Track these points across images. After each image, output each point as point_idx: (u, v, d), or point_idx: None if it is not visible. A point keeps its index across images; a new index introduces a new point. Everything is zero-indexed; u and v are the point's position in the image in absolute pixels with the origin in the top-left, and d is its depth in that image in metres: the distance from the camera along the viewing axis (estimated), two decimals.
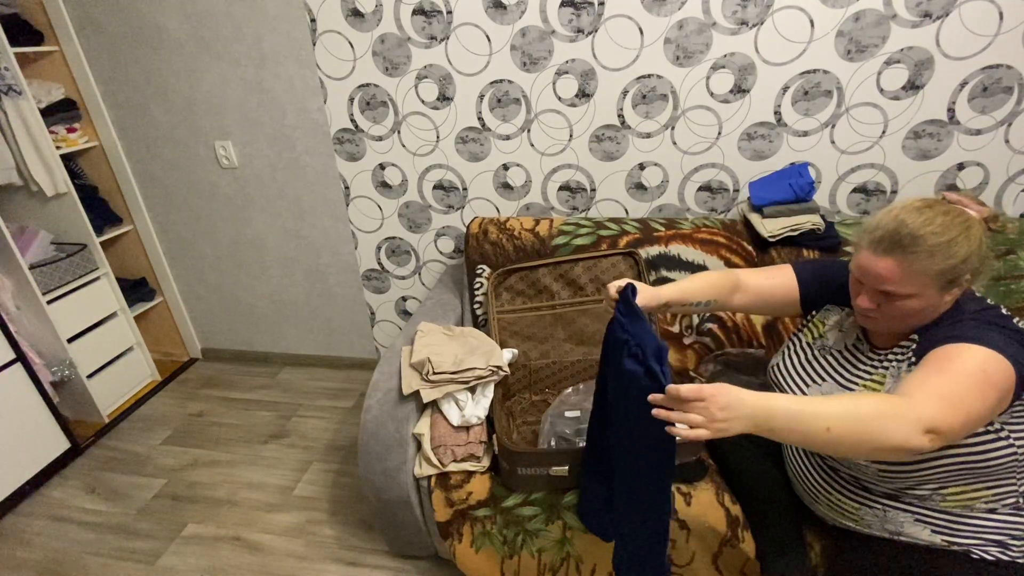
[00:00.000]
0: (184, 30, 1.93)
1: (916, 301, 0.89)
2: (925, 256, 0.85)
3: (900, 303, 0.90)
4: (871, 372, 1.00)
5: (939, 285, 0.87)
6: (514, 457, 1.24)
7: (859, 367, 1.03)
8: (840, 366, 1.06)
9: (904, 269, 0.87)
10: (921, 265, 0.86)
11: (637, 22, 1.62)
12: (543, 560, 1.26)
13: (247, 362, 2.65)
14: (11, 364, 1.83)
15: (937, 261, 0.85)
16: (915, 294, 0.88)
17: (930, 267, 0.86)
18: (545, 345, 1.67)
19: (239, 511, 1.78)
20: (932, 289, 0.88)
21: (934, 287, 0.87)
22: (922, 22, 1.48)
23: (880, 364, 0.99)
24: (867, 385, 0.99)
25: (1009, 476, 0.89)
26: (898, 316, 0.92)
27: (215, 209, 2.28)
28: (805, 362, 1.12)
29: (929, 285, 0.87)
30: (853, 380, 1.02)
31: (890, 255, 0.88)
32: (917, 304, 0.89)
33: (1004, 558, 0.90)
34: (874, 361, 1.00)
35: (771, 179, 1.67)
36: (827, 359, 1.09)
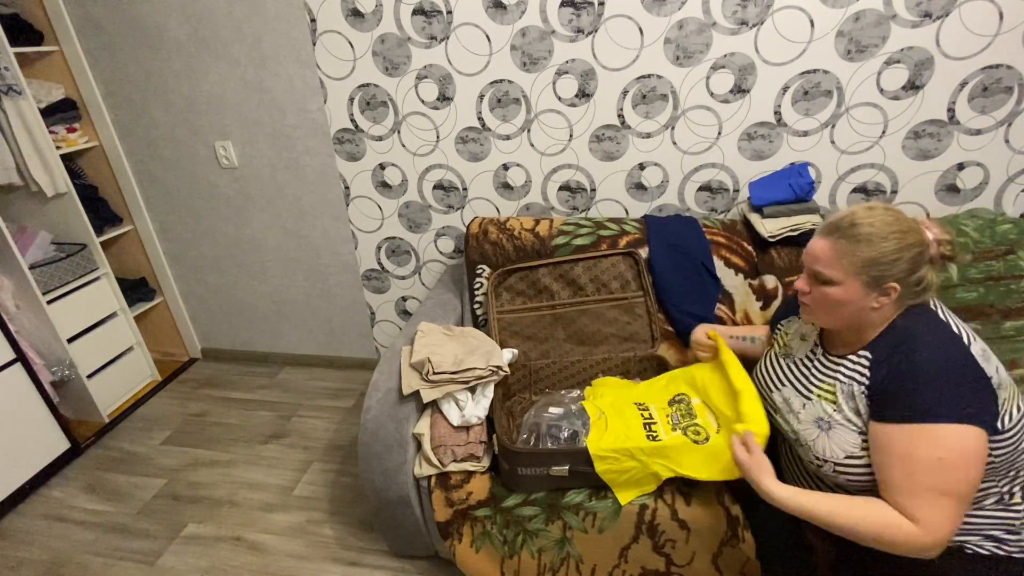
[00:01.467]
0: (184, 30, 1.93)
1: (839, 290, 0.93)
2: (853, 242, 0.91)
3: (826, 288, 0.94)
4: (823, 380, 1.02)
5: (862, 279, 0.91)
6: (514, 457, 1.24)
7: (815, 374, 1.05)
8: (800, 372, 1.09)
9: (833, 250, 0.92)
10: (848, 248, 0.91)
11: (637, 22, 1.62)
12: (543, 560, 1.26)
13: (247, 362, 2.65)
14: (11, 364, 1.83)
15: (862, 249, 0.90)
16: (839, 280, 0.93)
17: (855, 252, 0.90)
18: (545, 345, 1.67)
19: (239, 511, 1.78)
20: (855, 281, 0.91)
21: (857, 279, 0.91)
22: (922, 22, 1.48)
23: (832, 374, 1.01)
24: (821, 395, 1.01)
25: (987, 477, 0.90)
26: (825, 304, 0.96)
27: (215, 209, 2.28)
28: (771, 369, 1.17)
29: (852, 274, 0.91)
30: (809, 387, 1.05)
31: (826, 237, 0.94)
32: (840, 293, 0.93)
33: (1000, 553, 0.91)
34: (827, 368, 1.03)
35: (771, 179, 1.67)
36: (790, 366, 1.12)
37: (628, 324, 1.66)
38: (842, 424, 0.96)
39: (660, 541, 1.20)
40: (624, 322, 1.66)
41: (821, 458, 0.98)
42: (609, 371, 1.62)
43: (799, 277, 1.02)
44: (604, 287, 1.67)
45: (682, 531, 1.19)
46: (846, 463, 0.95)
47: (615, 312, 1.66)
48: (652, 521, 1.20)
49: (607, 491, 1.25)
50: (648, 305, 1.65)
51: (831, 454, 0.96)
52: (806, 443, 1.01)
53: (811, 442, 1.00)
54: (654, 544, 1.20)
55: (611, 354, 1.63)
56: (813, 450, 0.99)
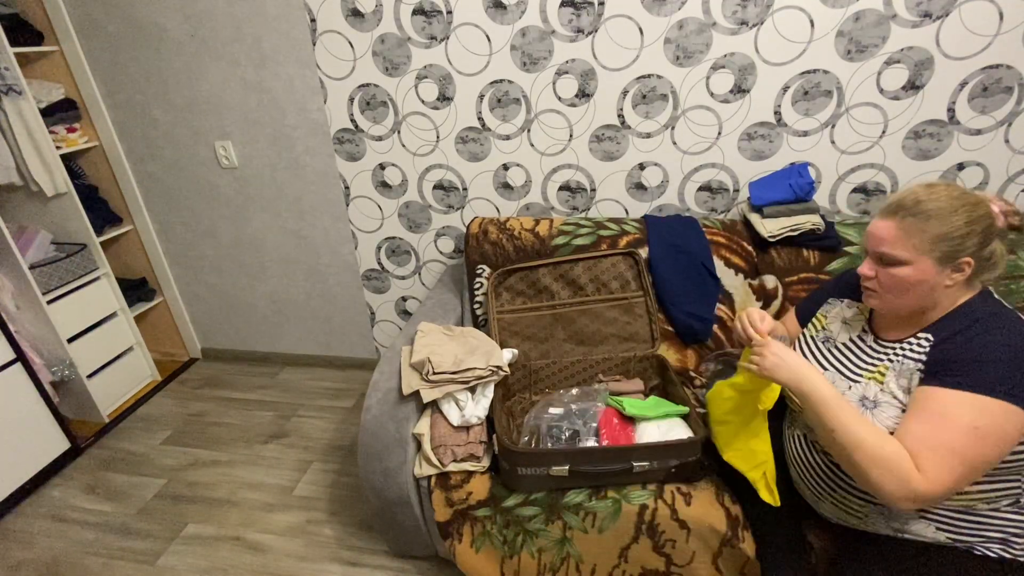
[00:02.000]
0: (184, 30, 1.93)
1: (910, 270, 0.90)
2: (922, 219, 0.88)
3: (895, 270, 0.92)
4: (875, 363, 1.00)
5: (935, 256, 0.88)
6: (514, 457, 1.24)
7: (863, 358, 1.03)
8: (844, 356, 1.07)
9: (900, 229, 0.90)
10: (917, 226, 0.89)
11: (637, 22, 1.62)
12: (543, 560, 1.26)
13: (247, 362, 2.65)
14: (11, 364, 1.83)
15: (932, 225, 0.88)
16: (909, 260, 0.90)
17: (925, 230, 0.88)
18: (545, 345, 1.67)
19: (239, 511, 1.78)
20: (927, 259, 0.89)
21: (929, 257, 0.89)
22: (922, 22, 1.48)
23: (885, 355, 0.99)
24: (871, 376, 0.99)
25: (1010, 475, 0.89)
26: (894, 287, 0.93)
27: (215, 209, 2.28)
28: (808, 354, 1.14)
29: (924, 252, 0.89)
30: (856, 371, 1.02)
31: (891, 217, 0.92)
32: (911, 273, 0.90)
33: (1007, 555, 0.90)
34: (879, 352, 1.01)
35: (771, 179, 1.67)
36: (831, 351, 1.10)
37: (628, 324, 1.66)
38: (887, 401, 0.94)
39: (660, 541, 1.20)
40: (624, 322, 1.66)
41: None
42: (609, 371, 1.62)
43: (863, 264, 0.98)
44: (604, 287, 1.67)
45: (682, 531, 1.19)
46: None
47: (615, 312, 1.66)
48: (652, 521, 1.20)
49: (607, 491, 1.25)
50: (648, 305, 1.65)
51: None
52: None
53: None
54: (654, 544, 1.20)
55: (611, 354, 1.63)
56: None
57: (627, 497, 1.23)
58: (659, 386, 1.58)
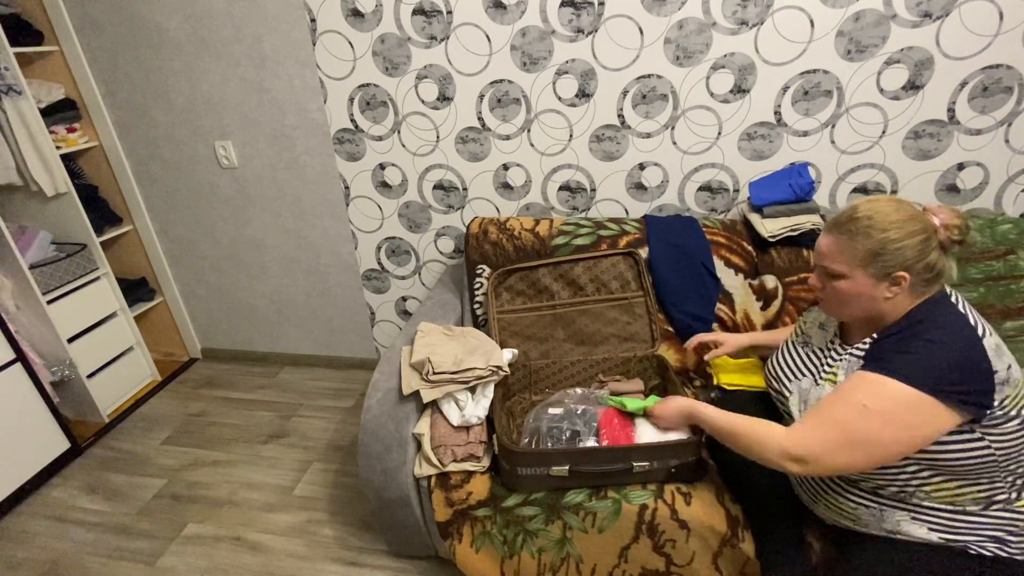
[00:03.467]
0: (184, 30, 1.93)
1: (848, 283, 0.94)
2: (851, 235, 0.91)
3: (835, 283, 0.96)
4: (832, 366, 1.03)
5: (869, 271, 0.91)
6: (514, 457, 1.24)
7: (827, 363, 1.06)
8: (818, 361, 1.09)
9: (837, 245, 0.94)
10: (849, 243, 0.92)
11: (637, 22, 1.62)
12: (543, 560, 1.26)
13: (247, 362, 2.65)
14: (11, 364, 1.83)
15: (860, 241, 0.90)
16: (845, 274, 0.93)
17: (855, 245, 0.91)
18: (545, 345, 1.67)
19: (239, 511, 1.78)
20: (861, 272, 0.92)
21: (862, 271, 0.91)
22: (922, 22, 1.48)
23: (840, 358, 1.02)
24: (828, 379, 1.02)
25: (992, 475, 0.90)
26: (836, 299, 0.97)
27: (215, 209, 2.28)
28: (789, 359, 1.17)
29: (857, 266, 0.92)
30: (823, 375, 1.05)
31: (829, 232, 0.96)
32: (849, 286, 0.94)
33: (1002, 554, 0.90)
34: (841, 358, 1.03)
35: (771, 179, 1.67)
36: (808, 356, 1.13)
37: (628, 324, 1.66)
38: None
39: (660, 541, 1.20)
40: (624, 322, 1.66)
41: None
42: (609, 371, 1.62)
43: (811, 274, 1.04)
44: (604, 287, 1.67)
45: (682, 531, 1.19)
46: None
47: (615, 312, 1.66)
48: (652, 521, 1.20)
49: (607, 491, 1.25)
50: (648, 305, 1.65)
51: None
52: None
53: None
54: (654, 544, 1.20)
55: (611, 354, 1.63)
56: None
57: (627, 497, 1.23)
58: (659, 386, 1.58)
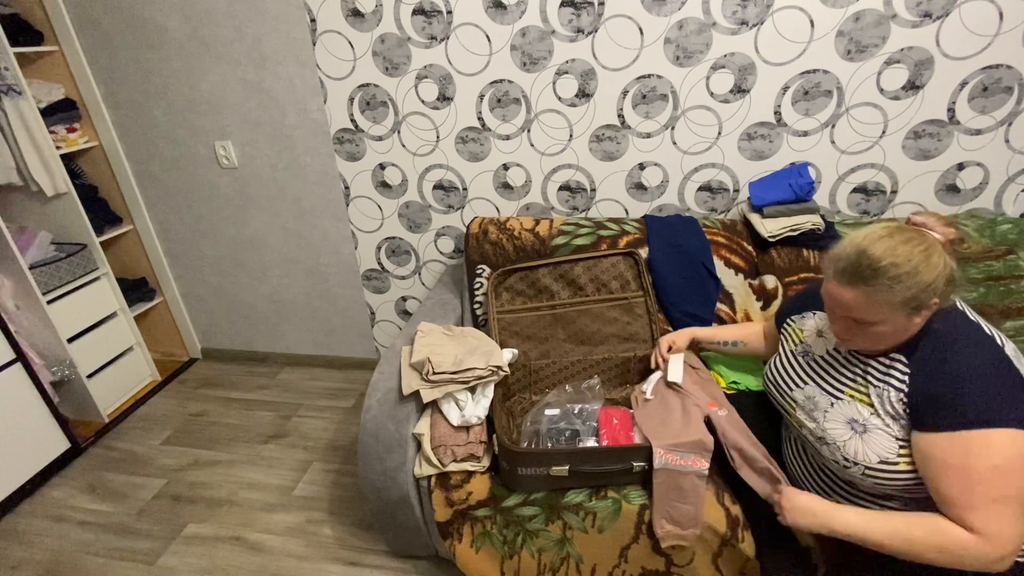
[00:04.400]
0: (184, 30, 1.93)
1: (885, 327, 0.90)
2: (887, 287, 0.86)
3: (869, 328, 0.91)
4: (854, 381, 1.01)
5: (905, 312, 0.88)
6: (514, 457, 1.24)
7: (842, 373, 1.04)
8: (823, 370, 1.07)
9: (868, 299, 0.88)
10: (884, 296, 0.87)
11: (637, 22, 1.62)
12: (543, 560, 1.26)
13: (247, 362, 2.65)
14: (11, 364, 1.83)
15: (899, 292, 0.86)
16: (882, 320, 0.89)
17: (892, 297, 0.86)
18: (545, 345, 1.67)
19: (239, 511, 1.78)
20: (899, 315, 0.88)
21: (900, 313, 0.88)
22: (922, 22, 1.48)
23: (863, 375, 0.99)
24: (852, 395, 0.99)
25: None
26: (870, 339, 0.94)
27: (215, 209, 2.28)
28: (789, 367, 1.15)
29: (895, 312, 0.88)
30: (837, 387, 1.03)
31: (854, 286, 0.89)
32: (887, 329, 0.90)
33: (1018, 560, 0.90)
34: (856, 369, 1.01)
35: (771, 179, 1.67)
36: (810, 364, 1.11)
37: (628, 324, 1.66)
38: (879, 429, 0.93)
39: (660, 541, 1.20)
40: (624, 322, 1.66)
41: (851, 460, 0.96)
42: (609, 371, 1.62)
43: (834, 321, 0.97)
44: (604, 287, 1.67)
45: None
46: (879, 467, 0.93)
47: (615, 312, 1.66)
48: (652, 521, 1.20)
49: (607, 491, 1.25)
50: (648, 305, 1.65)
51: (863, 457, 0.94)
52: (834, 442, 0.99)
53: (841, 443, 0.97)
54: (654, 544, 1.20)
55: (611, 354, 1.63)
56: (843, 451, 0.97)
57: (627, 497, 1.23)
58: None
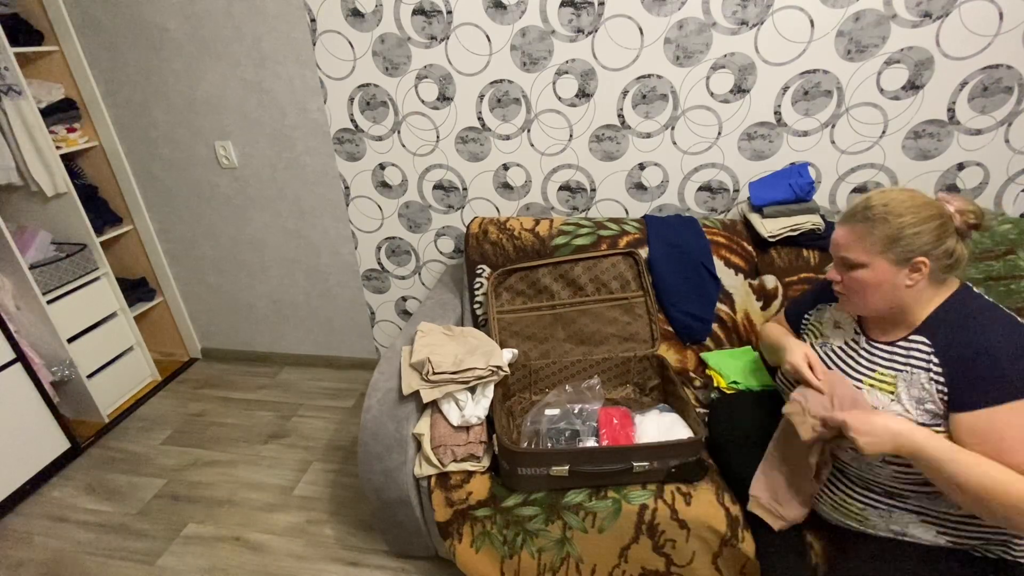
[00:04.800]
0: (184, 30, 1.93)
1: (868, 272, 0.94)
2: (870, 223, 0.92)
3: (855, 274, 0.96)
4: (873, 368, 1.00)
5: (888, 257, 0.91)
6: (514, 457, 1.24)
7: (860, 361, 1.03)
8: (843, 361, 1.07)
9: (854, 233, 0.95)
10: (866, 229, 0.93)
11: (637, 22, 1.62)
12: (543, 560, 1.26)
13: (247, 362, 2.65)
14: (11, 364, 1.83)
15: (880, 227, 0.91)
16: (865, 263, 0.94)
17: (873, 231, 0.92)
18: (545, 345, 1.67)
19: (239, 511, 1.78)
20: (881, 260, 0.92)
21: (882, 258, 0.92)
22: (922, 22, 1.48)
23: (884, 362, 0.98)
24: (874, 384, 0.98)
25: None
26: (856, 289, 0.97)
27: (215, 209, 2.28)
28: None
29: (876, 253, 0.92)
30: (856, 377, 1.02)
31: (846, 223, 0.97)
32: (870, 275, 0.94)
33: (1007, 558, 0.90)
34: (876, 356, 1.01)
35: (771, 179, 1.67)
36: (829, 355, 1.10)
37: (628, 324, 1.66)
38: (900, 415, 0.92)
39: (660, 541, 1.20)
40: (624, 322, 1.66)
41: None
42: (609, 371, 1.62)
43: (829, 268, 1.03)
44: (604, 287, 1.67)
45: (682, 531, 1.19)
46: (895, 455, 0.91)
47: (615, 312, 1.66)
48: (652, 521, 1.20)
49: (607, 491, 1.26)
50: (648, 305, 1.65)
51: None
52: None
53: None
54: (654, 544, 1.20)
55: (611, 354, 1.63)
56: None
57: (627, 497, 1.23)
58: (659, 386, 1.58)
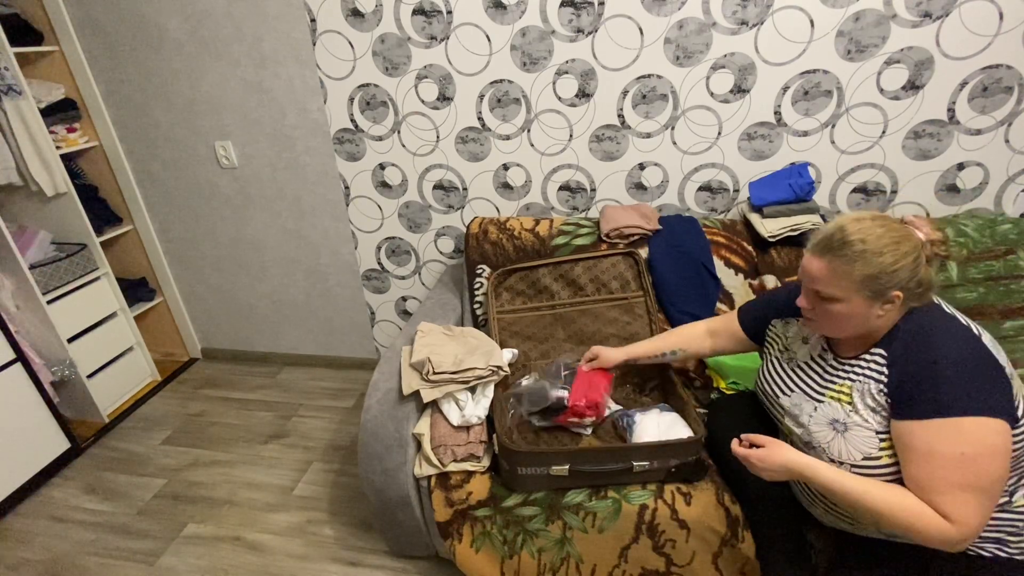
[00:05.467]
0: (184, 30, 1.93)
1: (843, 306, 0.92)
2: (849, 260, 0.89)
3: (829, 306, 0.93)
4: (836, 382, 1.01)
5: (864, 294, 0.90)
6: (514, 457, 1.24)
7: (825, 377, 1.04)
8: (808, 377, 1.07)
9: (831, 270, 0.91)
10: (845, 268, 0.89)
11: (637, 22, 1.62)
12: (543, 560, 1.26)
13: (247, 362, 2.65)
14: (11, 364, 1.83)
15: (859, 267, 0.88)
16: (841, 298, 0.91)
17: (852, 271, 0.89)
18: (545, 345, 1.67)
19: (239, 511, 1.78)
20: (857, 296, 0.90)
21: (859, 295, 0.90)
22: (922, 22, 1.48)
23: (845, 375, 1.00)
24: (833, 396, 1.00)
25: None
26: (830, 320, 0.95)
27: (215, 209, 2.28)
28: (776, 375, 1.15)
29: (853, 291, 0.90)
30: (820, 391, 1.03)
31: (821, 256, 0.92)
32: (844, 309, 0.92)
33: (1001, 555, 0.90)
34: (839, 371, 1.01)
35: (771, 179, 1.67)
36: (795, 371, 1.11)
37: (628, 324, 1.66)
38: (859, 425, 0.94)
39: (660, 541, 1.20)
40: (624, 322, 1.66)
41: (837, 460, 0.96)
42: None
43: (800, 294, 1.00)
44: (604, 287, 1.67)
45: (682, 531, 1.19)
46: (864, 464, 0.93)
47: (615, 312, 1.66)
48: (652, 521, 1.20)
49: (607, 491, 1.26)
50: (648, 305, 1.65)
51: (848, 456, 0.95)
52: (819, 445, 0.99)
53: (825, 444, 0.98)
54: (654, 544, 1.20)
55: None
56: (828, 452, 0.98)
57: (627, 497, 1.23)
58: (659, 386, 1.58)
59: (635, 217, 1.72)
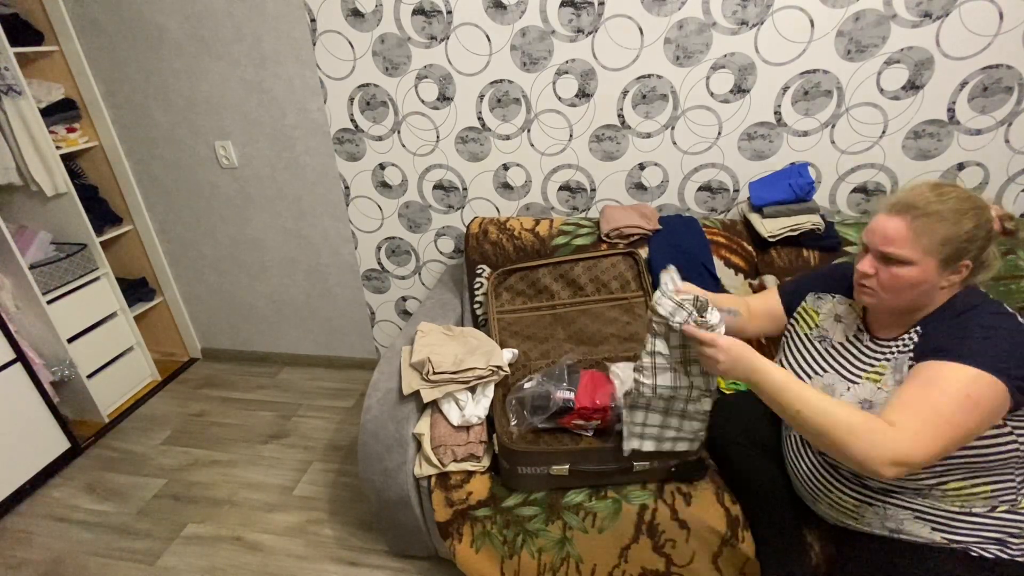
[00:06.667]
0: (184, 30, 1.93)
1: (913, 270, 0.90)
2: (934, 220, 0.88)
3: (898, 270, 0.91)
4: (873, 364, 0.99)
5: (940, 257, 0.89)
6: (514, 457, 1.24)
7: (861, 359, 1.02)
8: (842, 358, 1.05)
9: (911, 229, 0.89)
10: (928, 227, 0.88)
11: (637, 22, 1.62)
12: (543, 560, 1.26)
13: (247, 362, 2.65)
14: (11, 364, 1.83)
15: (942, 227, 0.87)
16: (914, 260, 0.89)
17: (936, 231, 0.88)
18: (545, 345, 1.67)
19: (239, 511, 1.78)
20: (932, 260, 0.89)
21: (934, 258, 0.89)
22: (922, 22, 1.48)
23: (883, 355, 0.98)
24: (869, 377, 0.98)
25: (1009, 471, 0.89)
26: (893, 286, 0.93)
27: (215, 209, 2.28)
28: (806, 353, 1.12)
29: (930, 253, 0.89)
30: (855, 373, 1.01)
31: (901, 215, 0.90)
32: (913, 274, 0.90)
33: (1004, 556, 0.90)
34: (876, 352, 1.00)
35: (771, 179, 1.67)
36: (828, 351, 1.08)
37: (628, 324, 1.66)
38: (884, 401, 0.93)
39: (660, 541, 1.20)
40: (624, 322, 1.66)
41: None
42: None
43: (862, 260, 0.96)
44: (604, 287, 1.67)
45: (682, 531, 1.19)
46: None
47: (615, 312, 1.66)
48: (652, 521, 1.20)
49: (607, 491, 1.25)
50: (648, 305, 1.65)
51: None
52: None
53: None
54: (654, 544, 1.20)
55: (611, 354, 1.63)
56: None
57: (627, 497, 1.23)
58: None
59: (635, 217, 1.72)
